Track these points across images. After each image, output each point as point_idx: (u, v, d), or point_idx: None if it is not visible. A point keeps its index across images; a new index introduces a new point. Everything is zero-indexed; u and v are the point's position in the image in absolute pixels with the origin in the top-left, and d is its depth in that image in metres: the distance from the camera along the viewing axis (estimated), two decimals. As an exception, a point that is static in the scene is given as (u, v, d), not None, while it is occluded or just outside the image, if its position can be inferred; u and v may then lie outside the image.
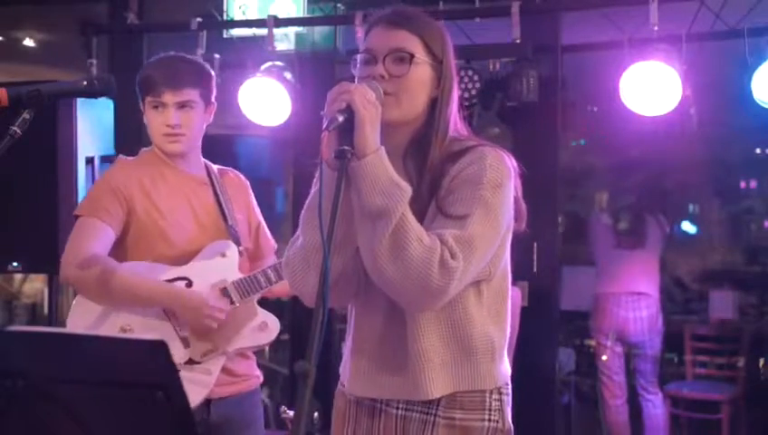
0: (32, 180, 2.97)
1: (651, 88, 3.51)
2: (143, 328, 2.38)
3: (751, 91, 3.49)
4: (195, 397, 2.33)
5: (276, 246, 2.72)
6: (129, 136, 4.10)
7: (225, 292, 2.44)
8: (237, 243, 2.50)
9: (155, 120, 2.43)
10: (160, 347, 1.41)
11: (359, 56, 1.80)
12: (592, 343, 5.37)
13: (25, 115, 1.79)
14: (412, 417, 1.81)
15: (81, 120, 3.03)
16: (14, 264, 3.07)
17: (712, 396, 5.07)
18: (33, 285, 6.33)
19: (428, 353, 1.75)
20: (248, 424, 2.53)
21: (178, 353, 2.38)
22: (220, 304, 2.39)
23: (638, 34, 3.63)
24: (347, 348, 1.92)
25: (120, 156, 2.58)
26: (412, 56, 1.75)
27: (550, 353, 4.05)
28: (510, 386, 1.87)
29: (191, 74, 2.44)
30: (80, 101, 3.01)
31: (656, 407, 5.01)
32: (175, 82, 2.40)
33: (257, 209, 2.67)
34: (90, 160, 3.12)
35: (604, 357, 5.05)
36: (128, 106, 2.51)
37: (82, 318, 2.41)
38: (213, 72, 2.55)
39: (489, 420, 1.79)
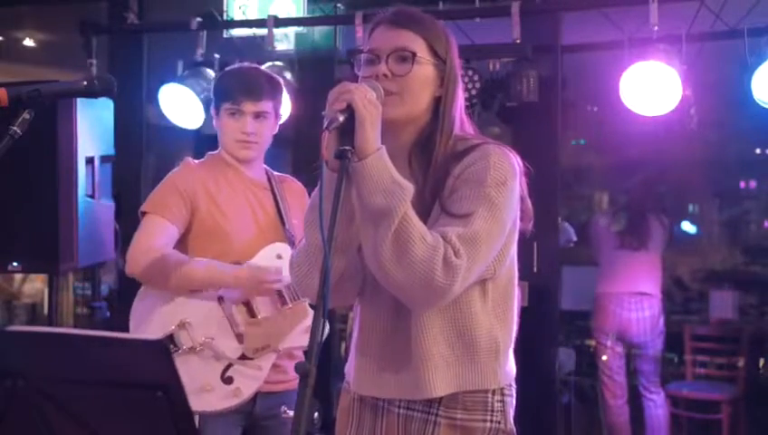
0: (32, 180, 2.96)
1: (651, 88, 3.51)
2: (201, 322, 2.52)
3: (751, 92, 3.48)
4: (246, 390, 2.51)
5: None
6: (130, 136, 4.10)
7: (279, 292, 2.56)
8: (293, 246, 2.59)
9: (230, 127, 2.58)
10: (160, 347, 1.41)
11: (362, 56, 1.81)
12: (593, 343, 5.36)
13: (25, 115, 1.79)
14: (414, 416, 1.81)
15: (81, 120, 3.02)
16: (14, 264, 3.07)
17: (712, 396, 5.07)
18: (33, 285, 6.33)
19: (432, 352, 1.75)
20: (288, 421, 2.59)
21: (233, 348, 2.53)
22: (275, 272, 2.51)
23: (638, 34, 3.63)
24: (352, 346, 1.92)
25: (187, 158, 2.70)
26: (414, 55, 1.76)
27: (550, 353, 4.05)
28: (514, 387, 1.86)
29: (269, 87, 2.60)
30: (80, 101, 3.00)
31: (657, 407, 5.01)
32: (255, 93, 2.55)
33: None
34: (90, 160, 3.11)
35: (604, 357, 5.05)
36: (128, 106, 2.52)
37: (145, 309, 2.57)
38: (284, 87, 2.71)
39: (491, 420, 1.79)
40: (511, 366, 1.85)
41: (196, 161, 2.69)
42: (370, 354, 1.84)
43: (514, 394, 1.86)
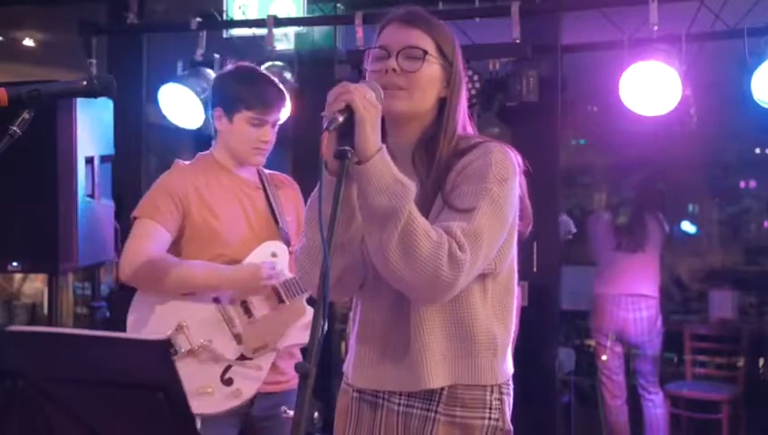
0: (32, 180, 2.96)
1: (651, 88, 3.51)
2: (199, 325, 2.51)
3: (750, 91, 3.49)
4: (247, 391, 2.51)
5: None
6: (129, 136, 4.10)
7: (275, 290, 2.56)
8: (287, 244, 2.61)
9: (250, 134, 2.57)
10: (161, 347, 1.41)
11: (372, 52, 1.83)
12: (592, 343, 5.37)
13: (25, 115, 1.79)
14: (413, 413, 1.82)
15: (80, 120, 3.02)
16: (14, 264, 3.07)
17: (712, 396, 5.07)
18: (33, 285, 6.33)
19: (430, 345, 1.76)
20: (287, 421, 2.59)
21: (231, 350, 2.53)
22: (270, 267, 2.52)
23: (637, 34, 3.63)
24: (351, 340, 1.94)
25: (177, 160, 2.69)
26: (425, 54, 1.79)
27: (550, 353, 4.05)
28: (512, 386, 1.88)
29: (283, 96, 2.66)
30: (80, 101, 3.01)
31: (656, 407, 5.01)
32: (279, 105, 2.62)
33: None
34: (90, 160, 3.12)
35: (604, 357, 5.05)
36: (128, 106, 2.52)
37: (141, 314, 2.56)
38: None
39: (489, 418, 1.80)
40: (509, 365, 1.87)
41: (187, 163, 2.68)
42: (370, 346, 1.86)
43: (512, 393, 1.87)
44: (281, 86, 2.67)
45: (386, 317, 1.83)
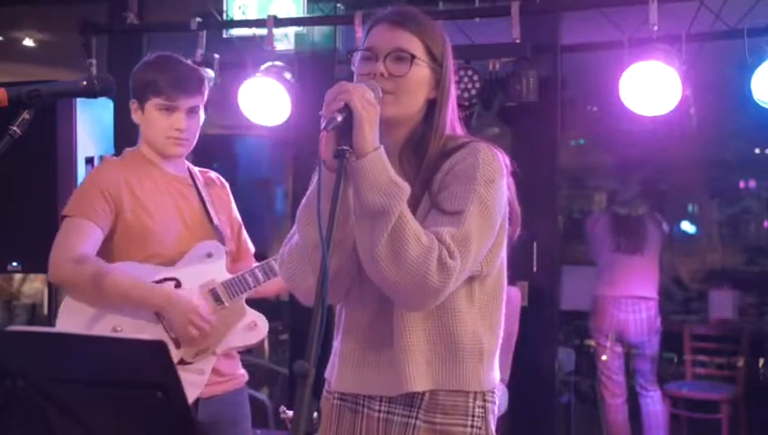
0: (32, 180, 2.96)
1: (651, 88, 3.51)
2: (134, 329, 2.37)
3: (750, 91, 3.48)
4: (188, 397, 2.31)
5: (254, 249, 2.71)
6: (129, 136, 4.10)
7: (214, 292, 2.46)
8: (223, 243, 2.51)
9: (161, 123, 2.44)
10: (160, 347, 1.41)
11: (359, 53, 1.81)
12: (592, 343, 5.37)
13: (25, 115, 1.79)
14: (393, 420, 1.79)
15: (80, 120, 3.03)
16: (14, 264, 3.07)
17: (711, 396, 5.07)
18: (33, 285, 6.33)
19: (413, 349, 1.74)
20: (236, 422, 2.54)
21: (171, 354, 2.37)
22: (208, 314, 2.38)
23: (637, 34, 3.63)
24: (334, 347, 1.91)
25: (106, 156, 2.61)
26: (413, 57, 1.76)
27: (549, 353, 4.05)
28: (497, 395, 1.84)
29: (199, 81, 2.48)
30: (79, 101, 3.01)
31: (655, 403, 5.01)
32: (189, 88, 2.43)
33: (237, 211, 2.68)
34: (89, 160, 3.12)
35: (604, 357, 5.05)
36: (128, 106, 2.51)
37: (73, 319, 2.41)
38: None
39: (472, 426, 1.77)
40: (495, 373, 1.83)
41: (116, 158, 2.56)
42: (353, 350, 1.83)
43: (497, 402, 1.84)
44: (198, 70, 2.53)
45: (369, 321, 1.80)
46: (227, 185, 2.68)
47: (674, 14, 3.61)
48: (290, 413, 2.96)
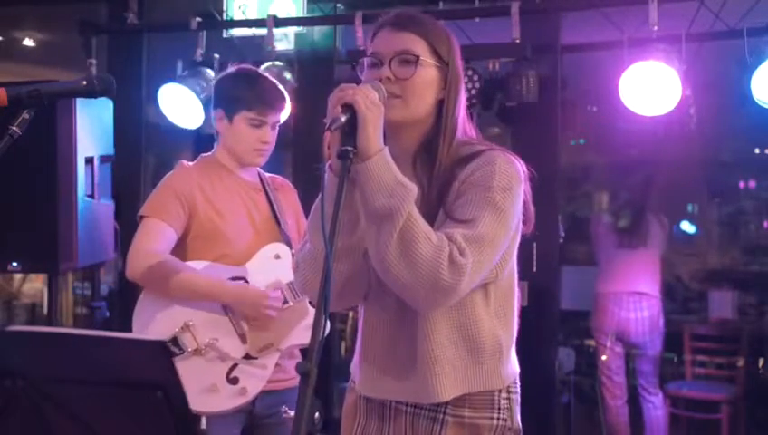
0: (32, 180, 2.96)
1: (651, 88, 3.51)
2: (205, 324, 2.53)
3: (750, 91, 3.49)
4: (252, 389, 2.54)
5: None
6: (129, 136, 4.10)
7: (280, 292, 2.58)
8: (290, 246, 2.63)
9: (250, 136, 2.61)
10: (160, 347, 1.41)
11: (365, 60, 1.81)
12: (592, 343, 5.37)
13: (25, 115, 1.79)
14: (422, 414, 1.82)
15: (80, 121, 3.02)
16: (14, 264, 3.07)
17: (711, 396, 5.07)
18: (33, 285, 6.33)
19: (437, 355, 1.75)
20: (284, 421, 2.63)
21: (237, 348, 2.55)
22: (276, 296, 2.54)
23: (637, 34, 3.63)
24: (357, 350, 1.93)
25: (182, 160, 2.71)
26: (418, 58, 1.75)
27: (550, 353, 4.05)
28: (519, 384, 1.88)
29: (283, 97, 2.68)
30: (79, 101, 3.00)
31: (656, 408, 5.01)
32: (277, 105, 2.64)
33: (303, 215, 2.78)
34: (89, 160, 3.11)
35: (604, 357, 5.04)
36: (127, 106, 2.52)
37: (147, 312, 2.57)
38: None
39: (498, 418, 1.81)
40: (514, 364, 1.86)
41: (191, 163, 2.71)
42: (374, 359, 1.84)
43: (519, 391, 1.87)
44: (281, 87, 2.69)
45: (390, 329, 1.82)
46: (295, 190, 2.83)
47: (674, 14, 3.61)
48: (291, 413, 2.96)
